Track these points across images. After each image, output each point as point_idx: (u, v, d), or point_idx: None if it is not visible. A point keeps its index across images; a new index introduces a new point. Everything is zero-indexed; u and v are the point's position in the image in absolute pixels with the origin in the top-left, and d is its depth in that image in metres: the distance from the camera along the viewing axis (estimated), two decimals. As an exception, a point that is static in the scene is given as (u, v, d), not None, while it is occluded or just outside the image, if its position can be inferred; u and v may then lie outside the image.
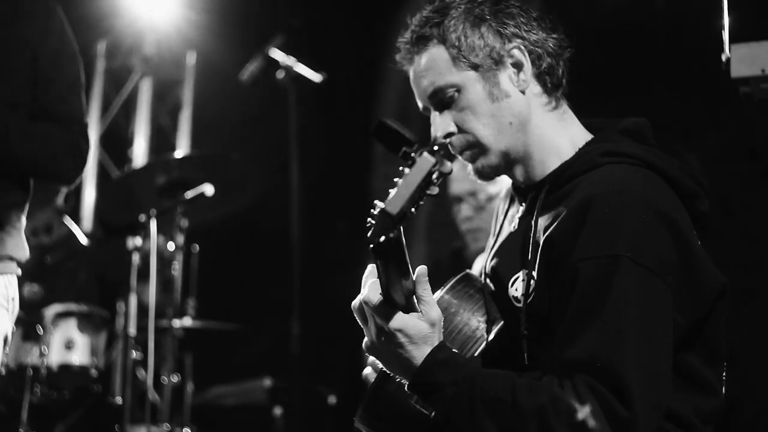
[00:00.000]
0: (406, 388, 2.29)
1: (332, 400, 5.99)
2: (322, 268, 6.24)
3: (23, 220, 3.39)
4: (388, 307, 2.20)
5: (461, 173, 3.97)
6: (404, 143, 2.23)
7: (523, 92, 2.49)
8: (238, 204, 5.52)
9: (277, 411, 5.96)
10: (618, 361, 2.10)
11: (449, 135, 2.50)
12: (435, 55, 2.48)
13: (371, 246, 1.96)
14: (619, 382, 2.09)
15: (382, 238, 1.93)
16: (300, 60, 6.02)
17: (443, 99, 2.49)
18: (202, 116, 8.04)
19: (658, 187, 2.33)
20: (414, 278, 2.21)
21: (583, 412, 2.08)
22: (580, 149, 2.48)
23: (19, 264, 3.36)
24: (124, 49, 8.14)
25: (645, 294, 2.18)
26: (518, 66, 2.49)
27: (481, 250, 4.10)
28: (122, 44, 8.12)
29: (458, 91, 2.47)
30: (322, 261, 6.28)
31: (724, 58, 2.97)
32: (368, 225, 1.97)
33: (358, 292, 2.24)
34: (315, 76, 5.89)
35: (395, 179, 1.96)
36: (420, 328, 2.22)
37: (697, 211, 2.43)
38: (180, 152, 5.50)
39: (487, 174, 2.54)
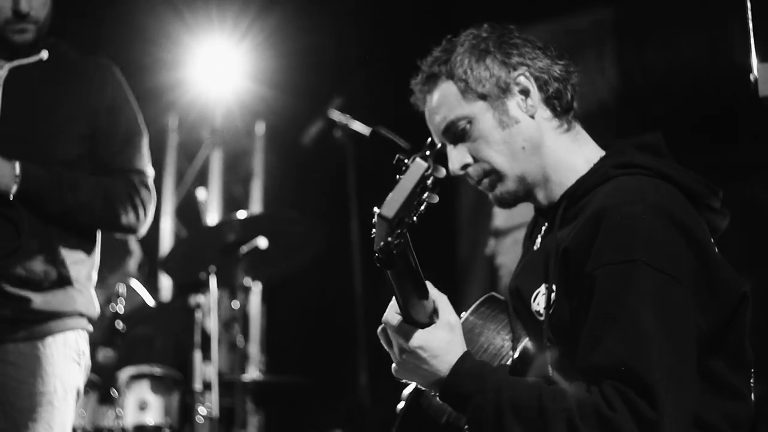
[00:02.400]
0: (438, 399, 2.35)
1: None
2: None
3: (93, 277, 3.51)
4: (407, 325, 2.27)
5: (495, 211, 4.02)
6: (398, 151, 2.31)
7: (532, 117, 2.54)
8: (302, 261, 5.62)
9: (349, 463, 5.99)
10: (642, 363, 2.12)
11: (466, 166, 2.57)
12: (445, 90, 2.56)
13: (375, 256, 2.01)
14: (644, 383, 2.10)
15: (383, 245, 1.97)
16: (358, 118, 6.15)
17: (456, 132, 2.55)
18: (272, 183, 8.20)
19: (672, 195, 2.36)
20: (430, 291, 2.28)
21: (611, 415, 2.10)
22: (594, 164, 2.53)
23: (90, 320, 3.48)
24: (194, 122, 8.38)
25: (664, 297, 2.20)
26: (525, 92, 2.55)
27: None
28: (192, 117, 8.36)
29: (470, 122, 2.54)
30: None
31: (752, 78, 2.98)
32: (372, 236, 2.03)
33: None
34: (366, 131, 6.01)
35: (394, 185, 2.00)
36: (440, 339, 2.28)
37: (714, 220, 2.47)
38: (242, 213, 5.62)
39: (507, 201, 2.60)
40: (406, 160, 2.01)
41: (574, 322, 2.30)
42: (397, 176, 1.99)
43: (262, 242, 5.12)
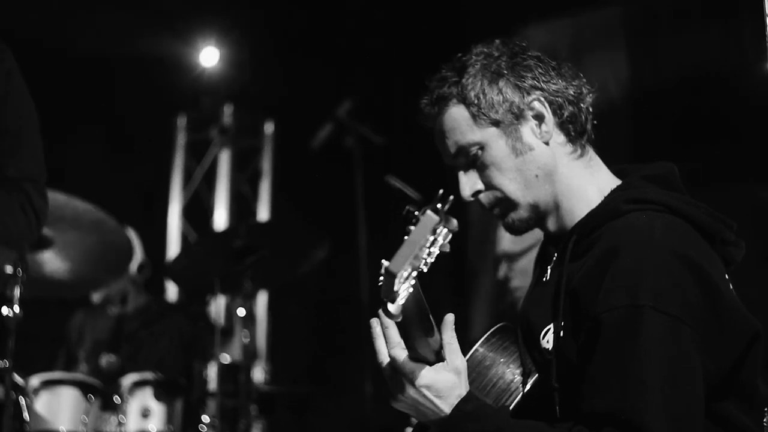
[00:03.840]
0: None
1: (408, 460, 5.96)
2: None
3: None
4: (413, 363, 2.23)
5: (503, 233, 3.98)
6: (408, 202, 2.27)
7: (546, 143, 2.47)
8: (306, 268, 5.59)
9: (354, 472, 5.98)
10: (643, 413, 2.08)
11: (477, 193, 2.51)
12: (455, 114, 2.48)
13: (382, 308, 1.98)
14: None
15: (389, 296, 1.94)
16: (366, 124, 6.12)
17: (467, 158, 2.48)
18: (281, 183, 8.18)
19: (682, 232, 2.31)
20: (441, 328, 2.25)
21: None
22: (606, 197, 2.47)
23: None
24: (203, 121, 8.35)
25: (669, 342, 2.15)
26: (539, 118, 2.47)
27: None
28: (202, 117, 8.33)
29: (481, 148, 2.46)
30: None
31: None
32: (379, 285, 1.97)
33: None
34: (377, 139, 5.98)
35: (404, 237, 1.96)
36: (446, 380, 2.24)
37: (729, 252, 2.41)
38: (249, 220, 5.59)
39: (519, 228, 2.54)
40: (416, 213, 1.97)
41: (579, 363, 2.26)
42: (408, 227, 1.95)
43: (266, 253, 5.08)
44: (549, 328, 2.40)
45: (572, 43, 5.65)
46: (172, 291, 7.67)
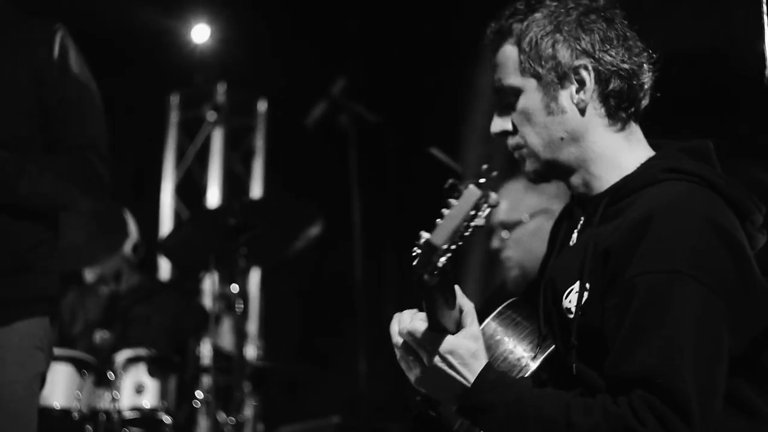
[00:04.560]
0: (455, 411, 2.30)
1: (401, 437, 5.99)
2: (387, 305, 6.28)
3: (55, 258, 3.37)
4: (435, 333, 2.22)
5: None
6: (451, 175, 2.29)
7: (582, 110, 2.45)
8: (299, 246, 5.59)
9: (346, 449, 5.99)
10: (678, 378, 2.08)
11: (504, 133, 2.52)
12: (507, 52, 2.48)
13: (417, 279, 1.99)
14: (679, 398, 2.07)
15: (427, 271, 1.96)
16: (361, 102, 6.11)
17: (504, 98, 2.50)
18: (274, 161, 8.18)
19: (719, 207, 2.30)
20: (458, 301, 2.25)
21: (639, 429, 2.06)
22: (642, 164, 2.44)
23: (54, 302, 3.39)
24: (196, 99, 8.33)
25: (704, 311, 2.15)
26: (581, 84, 2.44)
27: (516, 279, 4.10)
28: (195, 95, 8.31)
29: (518, 95, 2.47)
30: (386, 298, 6.31)
31: (767, 74, 2.93)
32: (414, 255, 1.99)
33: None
34: (372, 117, 5.98)
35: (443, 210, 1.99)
36: (468, 346, 2.24)
37: (754, 236, 2.40)
38: (243, 198, 5.58)
39: (532, 179, 2.55)
40: (460, 186, 1.99)
41: (606, 325, 2.25)
42: (449, 201, 1.97)
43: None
44: (572, 288, 2.38)
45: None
46: (165, 269, 7.68)
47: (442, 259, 1.95)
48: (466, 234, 1.98)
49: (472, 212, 1.96)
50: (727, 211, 2.31)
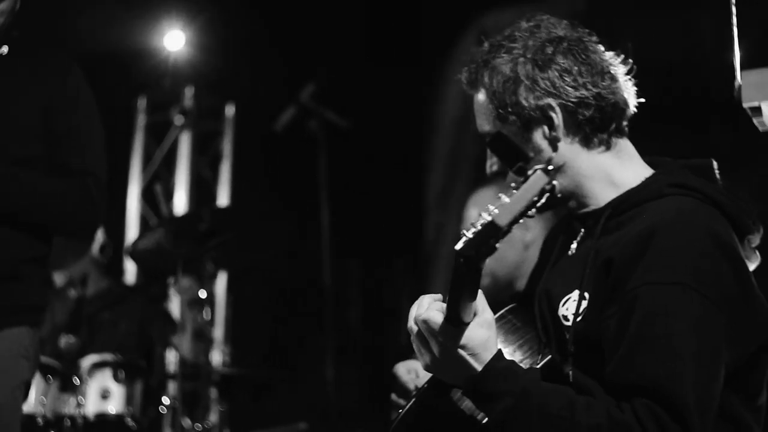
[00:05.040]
0: (461, 393, 2.30)
1: (369, 443, 5.98)
2: (355, 312, 6.28)
3: (44, 271, 3.46)
4: (451, 326, 2.20)
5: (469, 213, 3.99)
6: (521, 158, 2.31)
7: (555, 147, 2.45)
8: (268, 252, 5.58)
9: (314, 455, 5.97)
10: (678, 386, 2.09)
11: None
12: (480, 101, 2.51)
13: (465, 260, 1.95)
14: (679, 407, 2.08)
15: (481, 248, 1.92)
16: (330, 107, 6.11)
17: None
18: (242, 166, 8.15)
19: (722, 223, 2.32)
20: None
21: None
22: (647, 179, 2.45)
23: (40, 314, 3.44)
24: (163, 103, 8.29)
25: (706, 324, 2.16)
26: (550, 122, 2.44)
27: (488, 287, 4.11)
28: (162, 99, 8.27)
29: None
30: (354, 306, 6.31)
31: (736, 85, 2.95)
32: (466, 234, 1.95)
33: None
34: (342, 122, 5.98)
35: (506, 192, 1.95)
36: (480, 336, 2.21)
37: (749, 255, 2.41)
38: (212, 205, 5.56)
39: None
40: (528, 170, 1.97)
41: (605, 335, 2.26)
42: (514, 184, 1.94)
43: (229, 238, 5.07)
44: (570, 297, 2.40)
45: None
46: (131, 273, 7.63)
47: (500, 242, 1.92)
48: (522, 221, 1.95)
49: (536, 197, 1.93)
50: (729, 228, 2.33)
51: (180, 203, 8.11)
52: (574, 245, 2.55)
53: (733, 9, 2.92)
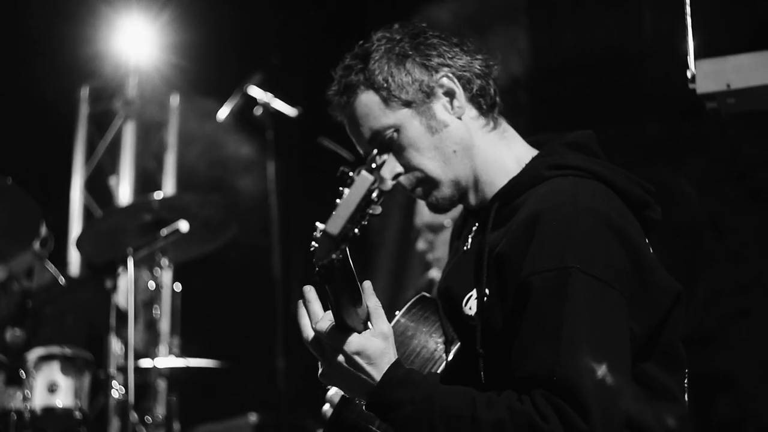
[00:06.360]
0: (364, 409, 2.29)
1: (319, 434, 5.96)
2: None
3: None
4: (341, 332, 2.19)
5: (422, 206, 4.00)
6: (342, 163, 2.24)
7: (460, 118, 2.50)
8: (219, 242, 5.53)
9: (264, 447, 5.94)
10: (574, 374, 2.10)
11: (397, 176, 2.49)
12: (366, 100, 2.47)
13: (316, 270, 1.94)
14: (576, 394, 2.09)
15: (326, 261, 1.90)
16: (278, 96, 6.07)
17: (383, 141, 2.47)
18: (186, 156, 8.06)
19: (606, 197, 2.35)
20: (364, 297, 2.22)
21: (544, 427, 2.08)
22: (526, 165, 2.49)
23: None
24: (107, 93, 8.17)
25: (597, 304, 2.18)
26: (450, 94, 2.50)
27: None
28: (105, 88, 8.15)
29: (397, 131, 2.47)
30: (301, 294, 6.29)
31: (689, 74, 2.99)
32: (312, 249, 1.95)
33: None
34: (291, 111, 5.94)
35: (336, 200, 1.92)
36: (376, 345, 2.22)
37: (648, 218, 2.46)
38: (159, 194, 5.49)
39: (443, 206, 2.56)
40: (350, 173, 1.94)
41: (507, 329, 2.27)
42: (341, 189, 1.92)
43: (183, 226, 5.01)
44: (471, 295, 2.41)
45: (475, 20, 5.67)
46: (75, 265, 7.53)
47: (340, 248, 1.90)
48: (363, 222, 1.94)
49: (366, 199, 1.90)
50: (615, 200, 2.36)
51: (124, 194, 8.00)
52: (469, 240, 2.57)
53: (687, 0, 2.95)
